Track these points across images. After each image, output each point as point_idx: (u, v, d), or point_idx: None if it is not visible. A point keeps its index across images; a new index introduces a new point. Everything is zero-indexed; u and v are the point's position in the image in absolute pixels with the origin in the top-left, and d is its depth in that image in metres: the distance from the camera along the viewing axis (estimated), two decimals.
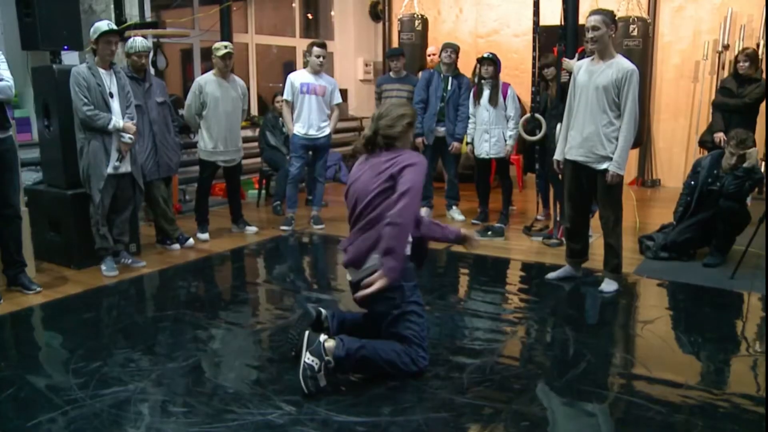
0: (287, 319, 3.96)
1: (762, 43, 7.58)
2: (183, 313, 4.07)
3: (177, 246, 5.58)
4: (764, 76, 6.59)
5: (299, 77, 6.19)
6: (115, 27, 4.73)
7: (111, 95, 4.67)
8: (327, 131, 6.23)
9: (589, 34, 4.08)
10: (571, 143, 4.32)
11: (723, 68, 7.87)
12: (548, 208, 6.30)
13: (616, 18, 4.23)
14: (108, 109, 4.63)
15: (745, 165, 4.88)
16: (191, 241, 5.68)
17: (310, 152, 6.34)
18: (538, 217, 6.40)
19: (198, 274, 5.10)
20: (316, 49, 6.13)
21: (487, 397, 2.94)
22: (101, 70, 4.65)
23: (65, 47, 5.24)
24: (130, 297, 4.58)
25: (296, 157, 6.26)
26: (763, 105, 6.23)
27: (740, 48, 7.27)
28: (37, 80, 5.10)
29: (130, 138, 4.71)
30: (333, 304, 4.22)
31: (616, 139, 4.12)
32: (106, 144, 4.67)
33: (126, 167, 4.80)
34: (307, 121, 6.13)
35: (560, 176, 4.70)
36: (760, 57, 6.91)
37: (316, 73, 6.16)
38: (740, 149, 4.92)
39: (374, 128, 3.11)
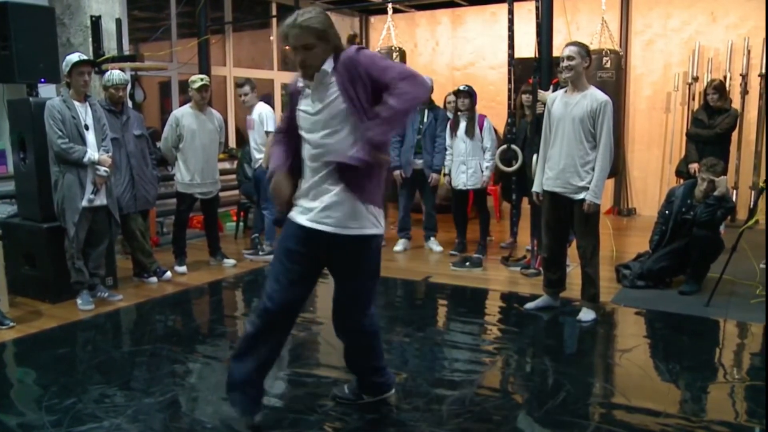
0: None
1: (728, 75, 7.78)
2: (160, 348, 4.01)
3: (154, 279, 5.52)
4: (743, 103, 6.75)
5: None
6: (85, 58, 4.72)
7: (86, 128, 4.65)
8: None
9: (564, 63, 4.19)
10: (548, 174, 4.37)
11: (693, 99, 8.05)
12: (515, 235, 6.50)
13: (590, 50, 4.34)
14: (83, 141, 4.61)
15: (716, 193, 4.96)
16: (169, 274, 5.62)
17: None
18: (502, 245, 6.52)
19: (175, 307, 5.04)
20: None
21: (466, 429, 2.92)
22: (76, 103, 4.63)
23: (42, 80, 5.22)
24: (106, 331, 4.51)
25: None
26: (735, 134, 6.37)
27: (708, 80, 7.44)
28: (12, 113, 5.08)
29: (106, 171, 4.68)
30: (312, 336, 4.20)
31: (593, 169, 4.19)
32: (81, 177, 4.64)
33: (101, 200, 4.76)
34: None
35: (538, 203, 4.75)
36: (727, 88, 7.09)
37: None
38: (711, 174, 5.02)
39: None
